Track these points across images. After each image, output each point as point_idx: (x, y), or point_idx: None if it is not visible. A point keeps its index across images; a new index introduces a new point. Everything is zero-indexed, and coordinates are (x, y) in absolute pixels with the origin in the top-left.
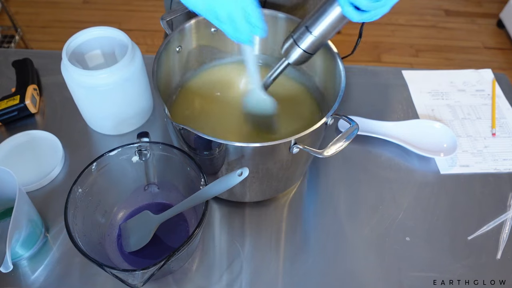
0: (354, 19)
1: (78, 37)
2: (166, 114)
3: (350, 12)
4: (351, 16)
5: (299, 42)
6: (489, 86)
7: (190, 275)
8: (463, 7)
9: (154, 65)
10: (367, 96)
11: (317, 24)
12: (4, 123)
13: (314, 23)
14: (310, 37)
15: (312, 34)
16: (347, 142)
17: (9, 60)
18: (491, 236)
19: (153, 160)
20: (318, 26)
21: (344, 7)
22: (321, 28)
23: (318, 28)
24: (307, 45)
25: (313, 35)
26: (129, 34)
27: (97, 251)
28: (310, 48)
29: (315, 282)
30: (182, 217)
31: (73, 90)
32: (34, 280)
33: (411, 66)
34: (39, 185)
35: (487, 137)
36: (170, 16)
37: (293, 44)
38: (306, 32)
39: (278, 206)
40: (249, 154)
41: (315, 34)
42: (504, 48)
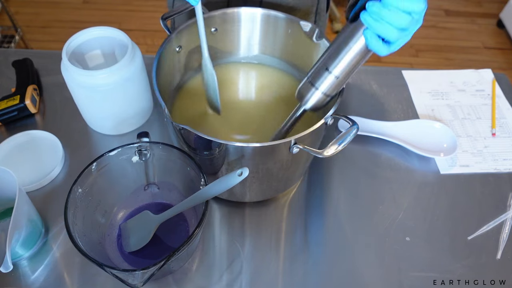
0: (382, 53)
1: (78, 37)
2: (166, 114)
3: (378, 46)
4: (379, 50)
5: (316, 83)
6: (489, 86)
7: (190, 275)
8: (463, 7)
9: (154, 65)
10: (367, 96)
11: (338, 62)
12: (4, 123)
13: (333, 62)
14: (330, 77)
15: (332, 75)
16: (347, 142)
17: (9, 60)
18: (491, 236)
19: (153, 160)
20: (339, 65)
21: (372, 42)
22: (342, 67)
23: (339, 67)
24: (327, 87)
25: (334, 75)
26: (129, 34)
27: (97, 251)
28: (330, 90)
29: (315, 282)
30: (182, 217)
31: (73, 90)
32: (34, 280)
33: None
34: (39, 185)
35: (487, 137)
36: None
37: (310, 86)
38: (325, 72)
39: (278, 206)
40: (249, 154)
41: (336, 74)
42: (504, 48)
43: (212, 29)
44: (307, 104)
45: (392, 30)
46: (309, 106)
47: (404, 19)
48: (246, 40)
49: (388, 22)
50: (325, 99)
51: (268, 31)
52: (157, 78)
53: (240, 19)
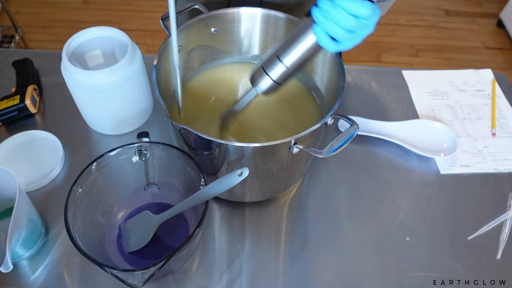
0: (330, 50)
1: (78, 37)
2: (166, 114)
3: (326, 43)
4: (327, 46)
5: (269, 71)
6: (489, 86)
7: (190, 275)
8: (463, 7)
9: (154, 65)
10: (367, 96)
11: (289, 53)
12: (4, 123)
13: (285, 52)
14: (281, 66)
15: (283, 64)
16: (347, 142)
17: (9, 60)
18: (491, 236)
19: (153, 160)
20: (290, 56)
21: (320, 38)
22: (293, 58)
23: (290, 58)
24: (278, 75)
25: (285, 65)
26: (129, 34)
27: (97, 251)
28: (281, 78)
29: (315, 282)
30: (182, 217)
31: (73, 90)
32: (34, 280)
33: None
34: (39, 185)
35: (487, 137)
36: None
37: (262, 72)
38: (277, 61)
39: (278, 206)
40: (249, 154)
41: (287, 64)
42: (504, 48)
43: (212, 29)
44: (258, 88)
45: (338, 29)
46: (260, 90)
47: (351, 22)
48: (246, 40)
49: (335, 22)
50: (276, 86)
51: (268, 31)
52: (157, 78)
53: (240, 19)
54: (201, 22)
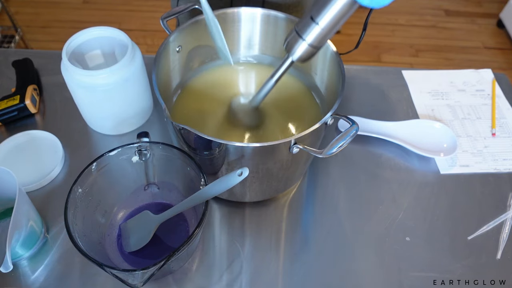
0: (364, 3)
1: (78, 37)
2: (166, 114)
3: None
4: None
5: (303, 34)
6: (489, 86)
7: (190, 275)
8: (463, 7)
9: (154, 65)
10: (367, 96)
11: (323, 13)
12: (4, 123)
13: (319, 12)
14: (316, 28)
15: (318, 25)
16: (347, 142)
17: (9, 60)
18: (491, 236)
19: (153, 160)
20: (325, 15)
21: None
22: (328, 17)
23: (325, 18)
24: (313, 37)
25: (320, 26)
26: (129, 34)
27: (97, 251)
28: (316, 40)
29: (315, 282)
30: (182, 217)
31: (73, 90)
32: (34, 280)
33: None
34: (39, 185)
35: (487, 137)
36: (170, 16)
37: (297, 37)
38: (311, 22)
39: (278, 206)
40: (249, 154)
41: (322, 24)
42: (504, 48)
43: None
44: (295, 55)
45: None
46: (296, 57)
47: None
48: (246, 40)
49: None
50: (312, 51)
51: (268, 31)
52: (157, 78)
53: (240, 19)
54: (201, 22)
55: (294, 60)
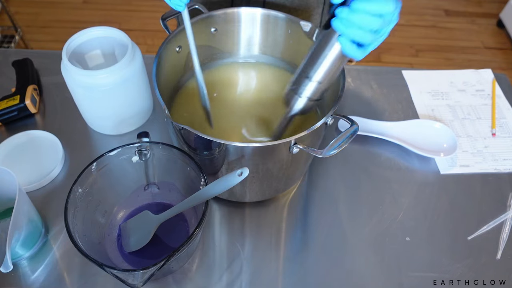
0: (358, 58)
1: (78, 37)
2: (166, 114)
3: (353, 51)
4: (355, 55)
5: (299, 91)
6: (489, 86)
7: (190, 275)
8: (463, 7)
9: (154, 65)
10: (367, 96)
11: (316, 68)
12: (4, 123)
13: (312, 69)
14: (311, 84)
15: (313, 81)
16: (347, 142)
17: (9, 60)
18: (491, 236)
19: (153, 160)
20: (318, 71)
21: (346, 47)
22: (321, 73)
23: (318, 73)
24: (310, 92)
25: (314, 81)
26: (129, 34)
27: (97, 251)
28: (315, 94)
29: (315, 282)
30: (182, 217)
31: (73, 90)
32: (34, 280)
33: (411, 66)
34: (39, 185)
35: (487, 137)
36: (170, 16)
37: (293, 94)
38: (305, 79)
39: (278, 206)
40: (249, 154)
41: (317, 79)
42: (504, 48)
43: (212, 29)
44: (293, 111)
45: (365, 34)
46: (295, 112)
47: (375, 22)
48: (246, 40)
49: (359, 27)
50: (311, 104)
51: (268, 31)
52: (157, 78)
53: (240, 19)
54: (201, 22)
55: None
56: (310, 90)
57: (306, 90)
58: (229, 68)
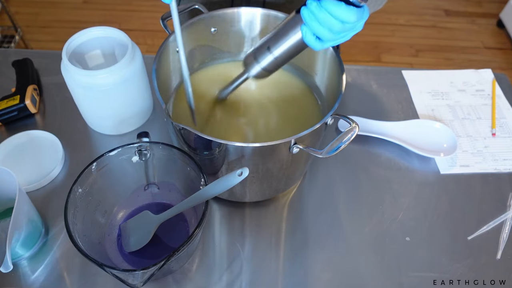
0: (316, 48)
1: (78, 37)
2: (166, 114)
3: (312, 42)
4: (313, 45)
5: (259, 59)
6: (489, 86)
7: (190, 275)
8: (463, 7)
9: (154, 65)
10: (367, 96)
11: (278, 45)
12: (4, 123)
13: (275, 44)
14: (270, 56)
15: (272, 54)
16: (347, 142)
17: (9, 60)
18: (491, 236)
19: (153, 160)
20: (279, 48)
21: (306, 37)
22: (281, 50)
23: (278, 50)
24: (266, 63)
25: (273, 55)
26: (129, 34)
27: (97, 251)
28: (269, 66)
29: (315, 282)
30: (182, 217)
31: (73, 90)
32: (34, 280)
33: (411, 66)
34: (39, 185)
35: (487, 137)
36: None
37: (253, 59)
38: (266, 50)
39: (278, 206)
40: (249, 154)
41: (275, 54)
42: (504, 48)
43: (212, 29)
44: (250, 73)
45: (324, 31)
46: (251, 75)
47: (336, 25)
48: (246, 40)
49: (321, 24)
50: (265, 74)
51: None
52: (157, 78)
53: (240, 19)
54: (201, 22)
55: (249, 77)
56: (267, 61)
57: (264, 60)
58: (229, 68)
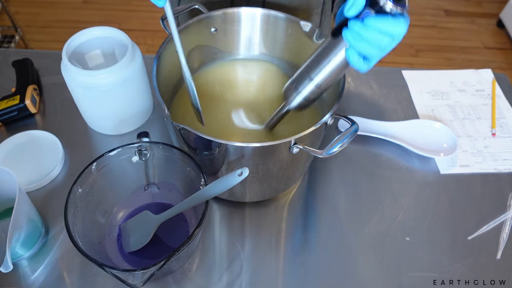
0: (362, 71)
1: (78, 37)
2: (166, 114)
3: (359, 64)
4: (360, 68)
5: (299, 88)
6: (489, 86)
7: (190, 275)
8: (463, 7)
9: (154, 65)
10: (367, 96)
11: (318, 72)
12: (4, 123)
13: (315, 72)
14: (310, 84)
15: (312, 82)
16: (347, 142)
17: (9, 60)
18: (491, 236)
19: (153, 160)
20: (319, 74)
21: (353, 59)
22: (322, 77)
23: (319, 76)
24: (308, 92)
25: (314, 83)
26: (129, 34)
27: (97, 251)
28: (311, 95)
29: (315, 282)
30: (182, 217)
31: (73, 90)
32: (34, 280)
33: (411, 66)
34: (39, 185)
35: (487, 137)
36: None
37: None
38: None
39: (278, 206)
40: (249, 154)
41: (316, 82)
42: (504, 48)
43: (212, 29)
44: (291, 105)
45: (372, 49)
46: (292, 107)
47: (386, 41)
48: (246, 40)
49: (370, 43)
50: (306, 103)
51: (268, 31)
52: (157, 78)
53: (240, 19)
54: (201, 22)
55: (291, 109)
56: (308, 90)
57: (305, 89)
58: (229, 67)
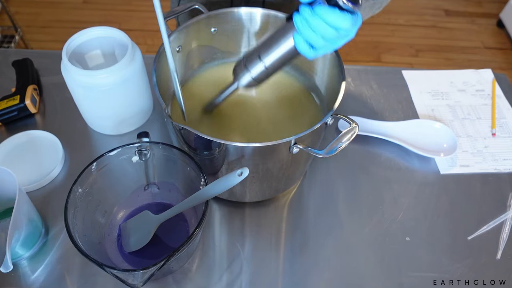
0: (309, 57)
1: (78, 37)
2: (166, 114)
3: (305, 50)
4: (306, 53)
5: (249, 66)
6: (489, 86)
7: (190, 275)
8: (463, 7)
9: (154, 65)
10: (367, 96)
11: (269, 54)
12: (4, 123)
13: (266, 52)
14: (260, 65)
15: (262, 62)
16: (347, 142)
17: (9, 60)
18: (491, 236)
19: (153, 160)
20: (269, 56)
21: (299, 45)
22: (272, 59)
23: (269, 58)
24: (257, 73)
25: (263, 63)
26: (129, 34)
27: (97, 251)
28: (260, 76)
29: (315, 282)
30: (182, 217)
31: (73, 90)
32: (34, 280)
33: (411, 66)
34: (39, 185)
35: (487, 137)
36: (170, 16)
37: (243, 67)
38: (257, 58)
39: (278, 206)
40: (249, 154)
41: (266, 63)
42: (504, 48)
43: (212, 29)
44: (240, 83)
45: (318, 39)
46: (241, 85)
47: (330, 32)
48: (246, 40)
49: (314, 31)
50: (255, 83)
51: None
52: (157, 78)
53: (240, 19)
54: (201, 22)
55: (239, 87)
56: (257, 70)
57: (254, 69)
58: (229, 67)
